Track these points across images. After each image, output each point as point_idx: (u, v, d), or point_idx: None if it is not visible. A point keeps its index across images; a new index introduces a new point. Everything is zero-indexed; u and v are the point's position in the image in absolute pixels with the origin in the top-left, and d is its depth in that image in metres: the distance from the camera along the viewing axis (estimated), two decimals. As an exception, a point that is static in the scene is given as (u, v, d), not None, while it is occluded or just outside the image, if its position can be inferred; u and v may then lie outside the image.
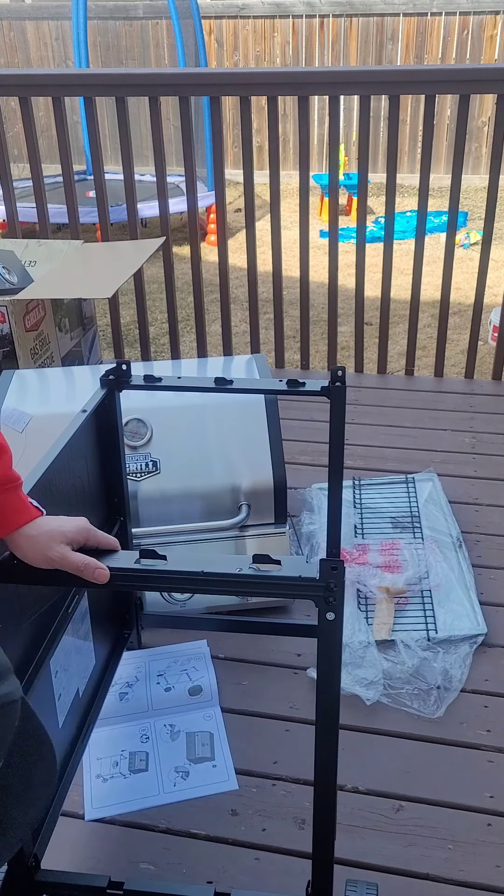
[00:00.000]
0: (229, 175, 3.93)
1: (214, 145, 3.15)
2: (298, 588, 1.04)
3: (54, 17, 7.69)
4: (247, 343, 3.63)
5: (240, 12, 7.63)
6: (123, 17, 7.70)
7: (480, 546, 2.29)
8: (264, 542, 1.99)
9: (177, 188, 5.20)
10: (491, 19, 7.23)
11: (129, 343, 4.21)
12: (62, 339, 2.92)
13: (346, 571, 1.81)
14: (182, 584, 1.07)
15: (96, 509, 1.57)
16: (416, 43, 7.42)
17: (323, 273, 3.38)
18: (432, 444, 2.81)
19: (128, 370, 1.56)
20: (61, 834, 1.43)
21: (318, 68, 6.68)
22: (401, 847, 1.51)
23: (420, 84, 3.00)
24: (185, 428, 1.99)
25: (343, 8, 7.46)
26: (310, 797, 1.19)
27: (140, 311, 3.44)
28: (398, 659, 1.87)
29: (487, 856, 1.49)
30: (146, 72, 3.98)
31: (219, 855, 1.50)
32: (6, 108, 3.45)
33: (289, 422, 2.35)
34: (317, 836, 1.20)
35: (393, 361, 3.80)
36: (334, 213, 3.20)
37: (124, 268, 2.70)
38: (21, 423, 1.94)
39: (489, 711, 1.78)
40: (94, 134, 3.16)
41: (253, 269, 3.28)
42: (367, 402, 3.14)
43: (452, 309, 3.53)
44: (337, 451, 1.56)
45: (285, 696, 1.82)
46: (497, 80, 2.92)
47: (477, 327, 3.25)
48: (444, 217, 5.26)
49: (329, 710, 1.10)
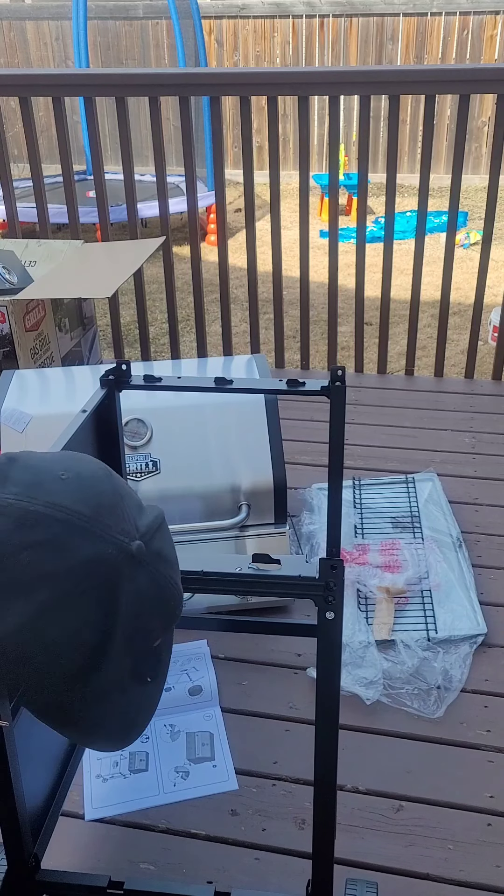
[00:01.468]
0: (229, 175, 3.93)
1: (214, 145, 3.15)
2: (298, 587, 1.04)
3: (54, 17, 7.69)
4: (247, 343, 3.63)
5: (240, 12, 7.63)
6: (123, 17, 7.70)
7: (480, 546, 2.29)
8: (264, 542, 1.99)
9: (177, 188, 5.21)
10: (491, 19, 7.23)
11: (129, 343, 4.21)
12: (62, 339, 2.92)
13: (346, 571, 1.81)
14: (182, 583, 1.07)
15: (96, 509, 1.57)
16: (416, 43, 7.42)
17: (323, 273, 3.38)
18: (432, 444, 2.81)
19: (128, 370, 1.56)
20: (61, 834, 1.43)
21: (318, 68, 6.68)
22: (401, 847, 1.51)
23: (420, 84, 3.00)
24: (185, 428, 1.99)
25: (343, 8, 7.46)
26: (310, 797, 1.19)
27: (140, 311, 3.44)
28: (398, 659, 1.87)
29: (487, 856, 1.49)
30: (146, 72, 3.98)
31: (219, 855, 1.49)
32: (6, 108, 3.45)
33: (289, 422, 2.35)
34: (317, 836, 1.20)
35: (393, 361, 3.80)
36: (334, 213, 3.20)
37: (124, 268, 2.70)
38: (21, 423, 1.94)
39: (489, 711, 1.78)
40: (94, 134, 3.16)
41: (253, 269, 3.28)
42: (367, 402, 3.14)
43: (452, 309, 3.53)
44: (337, 451, 1.56)
45: (285, 696, 1.82)
46: (497, 80, 2.92)
47: (477, 327, 3.25)
48: (444, 217, 5.26)
49: (329, 710, 1.10)
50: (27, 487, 0.70)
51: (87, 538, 0.70)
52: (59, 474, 0.73)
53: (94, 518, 0.71)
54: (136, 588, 0.72)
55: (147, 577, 0.73)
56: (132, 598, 0.71)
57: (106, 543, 0.70)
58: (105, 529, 0.71)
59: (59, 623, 0.68)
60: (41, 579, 0.67)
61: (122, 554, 0.71)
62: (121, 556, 0.70)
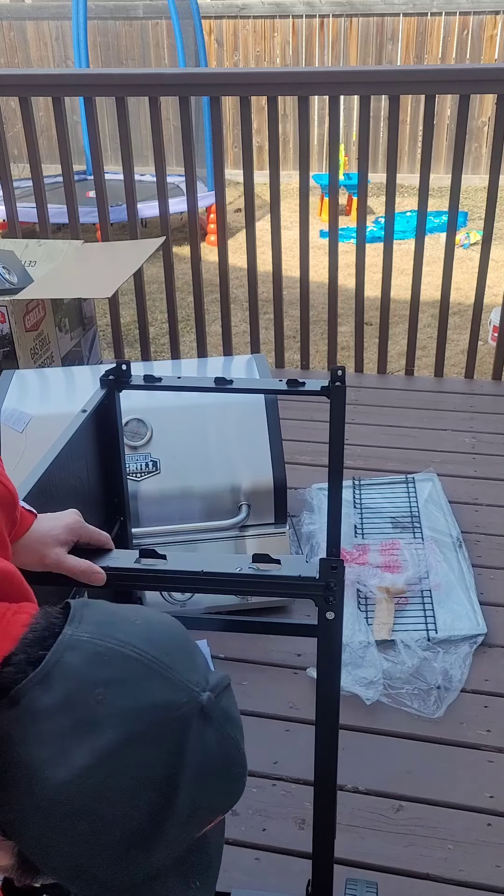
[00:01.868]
0: (229, 175, 3.92)
1: (214, 145, 3.15)
2: (298, 587, 1.03)
3: (54, 17, 7.68)
4: (247, 343, 3.62)
5: (240, 12, 7.63)
6: (123, 17, 7.70)
7: (480, 546, 2.29)
8: (264, 541, 1.99)
9: (177, 188, 5.20)
10: (491, 19, 7.23)
11: (129, 343, 4.21)
12: (62, 339, 2.92)
13: (346, 571, 1.80)
14: (182, 583, 1.07)
15: (96, 509, 1.57)
16: (416, 43, 7.42)
17: (323, 273, 3.38)
18: (432, 445, 2.81)
19: (128, 370, 1.56)
20: (61, 834, 1.43)
21: (318, 68, 6.68)
22: (401, 847, 1.51)
23: (420, 84, 3.00)
24: (185, 428, 1.99)
25: (343, 8, 7.46)
26: (310, 797, 1.19)
27: (140, 311, 3.44)
28: (398, 659, 1.87)
29: (487, 856, 1.49)
30: (146, 72, 3.99)
31: (219, 855, 1.49)
32: (6, 108, 3.45)
33: (289, 422, 2.35)
34: (317, 836, 1.20)
35: (393, 361, 3.79)
36: (334, 213, 3.20)
37: (124, 268, 2.70)
38: (21, 423, 1.94)
39: (489, 711, 1.78)
40: (94, 134, 3.16)
41: (253, 269, 3.28)
42: (367, 402, 3.14)
43: (452, 309, 3.53)
44: (337, 451, 1.55)
45: (285, 696, 1.82)
46: (497, 80, 2.92)
47: (477, 327, 3.25)
48: (444, 217, 5.25)
49: (329, 710, 1.10)
50: (101, 626, 0.71)
51: (159, 681, 0.68)
52: (132, 619, 0.73)
53: (166, 663, 0.70)
54: (204, 747, 0.68)
55: (215, 735, 0.70)
56: (198, 759, 0.67)
57: (177, 689, 0.68)
58: (177, 675, 0.69)
59: (125, 771, 0.65)
60: (111, 717, 0.65)
61: (192, 703, 0.68)
62: (191, 706, 0.68)
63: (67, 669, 0.67)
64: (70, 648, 0.68)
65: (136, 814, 0.65)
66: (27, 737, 0.65)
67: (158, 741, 0.66)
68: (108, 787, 0.64)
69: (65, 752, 0.64)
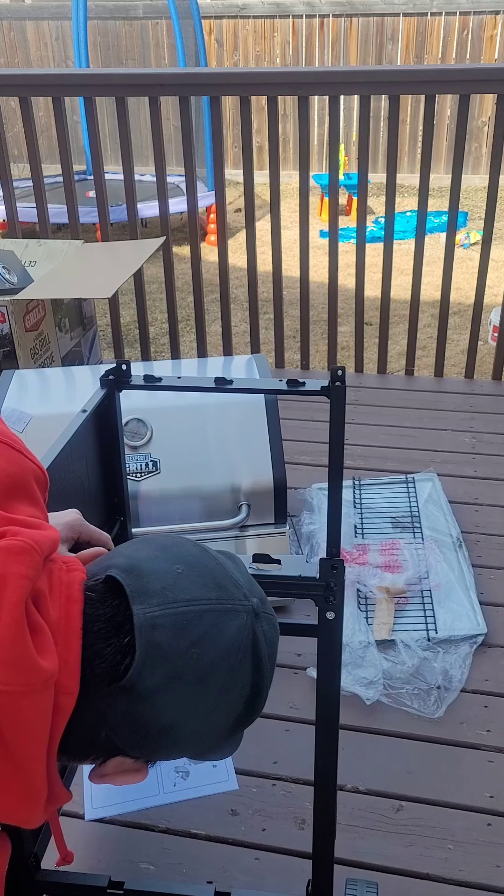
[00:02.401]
0: (229, 175, 3.92)
1: (214, 145, 3.15)
2: (298, 587, 1.04)
3: (54, 17, 7.68)
4: (247, 343, 3.62)
5: (240, 12, 7.63)
6: (123, 17, 7.70)
7: (480, 546, 2.29)
8: (264, 541, 1.99)
9: (177, 188, 5.20)
10: (491, 19, 7.23)
11: (129, 343, 4.21)
12: (62, 339, 2.92)
13: (347, 571, 1.80)
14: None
15: (96, 509, 1.57)
16: (416, 43, 7.42)
17: (323, 273, 3.38)
18: (432, 445, 2.81)
19: (128, 370, 1.56)
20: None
21: (318, 68, 6.68)
22: (401, 847, 1.51)
23: (420, 84, 3.00)
24: (185, 428, 1.99)
25: (343, 8, 7.46)
26: (310, 797, 1.19)
27: (140, 311, 3.44)
28: (398, 659, 1.87)
29: (487, 856, 1.49)
30: (146, 72, 3.99)
31: (219, 855, 1.50)
32: (6, 108, 3.45)
33: (289, 422, 2.35)
34: (317, 836, 1.20)
35: (393, 361, 3.80)
36: (334, 213, 3.20)
37: (124, 268, 2.70)
38: (21, 423, 1.94)
39: (489, 711, 1.78)
40: (94, 134, 3.16)
41: (253, 269, 3.28)
42: (367, 402, 3.14)
43: (452, 309, 3.53)
44: (337, 451, 1.55)
45: (285, 696, 1.82)
46: (497, 80, 2.92)
47: (477, 327, 3.25)
48: (444, 217, 5.26)
49: (329, 710, 1.10)
50: (162, 594, 0.78)
51: (226, 615, 0.79)
52: (175, 569, 0.81)
53: (222, 597, 0.80)
54: (266, 639, 0.82)
55: (267, 624, 0.83)
56: (265, 650, 0.82)
57: (239, 613, 0.80)
58: (234, 601, 0.80)
59: (233, 692, 0.79)
60: (212, 666, 0.77)
61: (251, 615, 0.80)
62: (251, 617, 0.80)
63: (161, 647, 0.75)
64: (152, 628, 0.75)
65: (239, 706, 0.81)
66: (152, 708, 0.75)
67: (245, 658, 0.79)
68: (222, 708, 0.79)
69: (189, 710, 0.77)
